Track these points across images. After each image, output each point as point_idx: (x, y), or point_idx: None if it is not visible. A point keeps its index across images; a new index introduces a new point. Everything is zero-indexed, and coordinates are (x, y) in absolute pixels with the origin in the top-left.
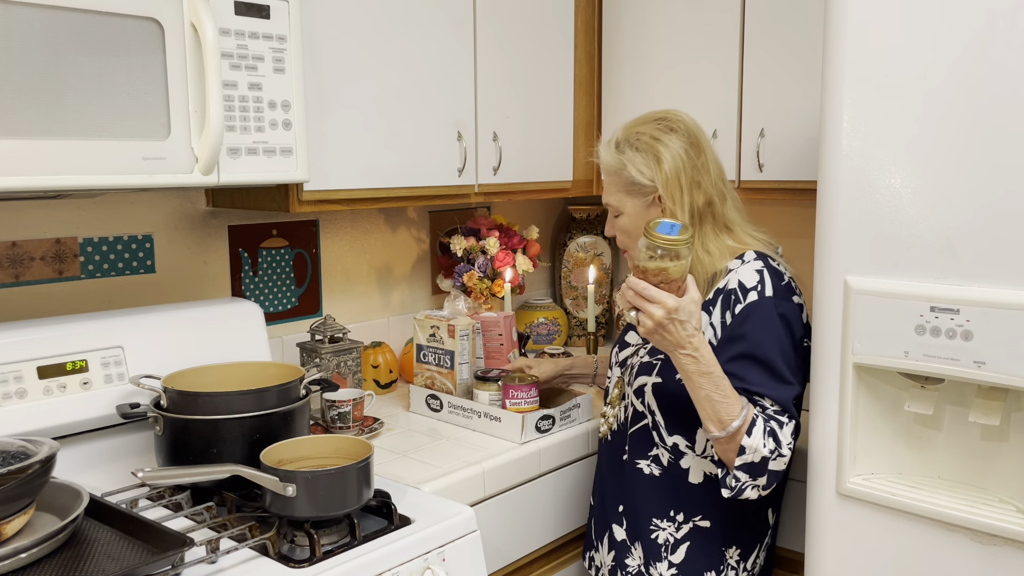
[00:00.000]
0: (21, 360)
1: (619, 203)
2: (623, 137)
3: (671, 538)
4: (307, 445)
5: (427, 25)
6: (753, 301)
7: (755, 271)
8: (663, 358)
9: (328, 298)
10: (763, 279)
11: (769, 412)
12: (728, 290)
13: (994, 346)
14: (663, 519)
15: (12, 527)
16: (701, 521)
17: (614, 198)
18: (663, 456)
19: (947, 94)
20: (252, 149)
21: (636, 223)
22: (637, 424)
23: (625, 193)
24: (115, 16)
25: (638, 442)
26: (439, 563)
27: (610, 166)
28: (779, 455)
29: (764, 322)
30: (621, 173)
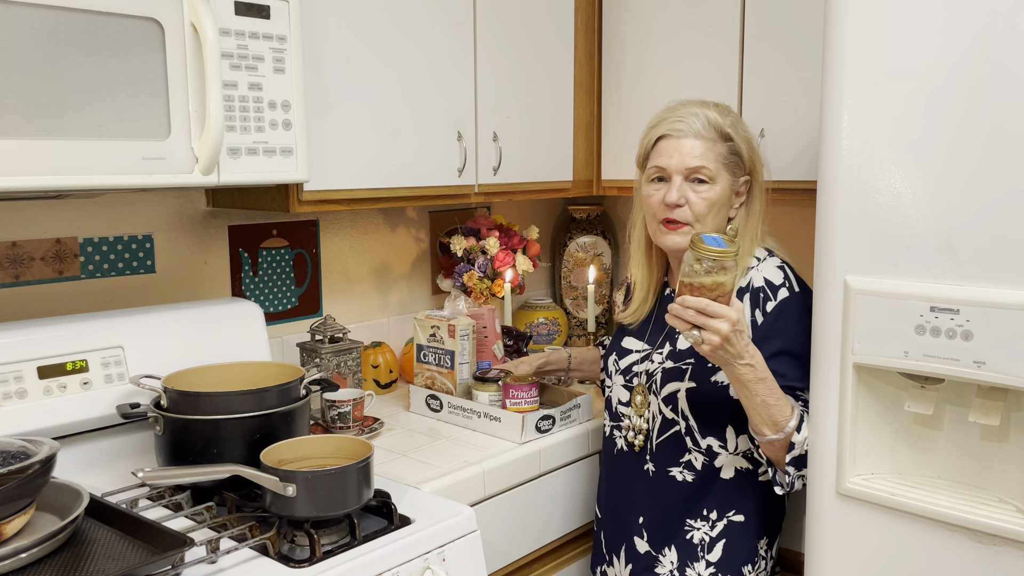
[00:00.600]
0: (21, 360)
1: (716, 171)
2: (720, 112)
3: (707, 537)
4: (307, 445)
5: (427, 25)
6: (785, 298)
7: (776, 267)
8: (692, 362)
9: (328, 298)
10: (787, 275)
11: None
12: (755, 288)
13: (994, 346)
14: (697, 519)
15: (12, 527)
16: (735, 516)
17: (712, 164)
18: (697, 460)
19: (947, 94)
20: (252, 149)
21: (723, 198)
22: (667, 432)
23: (723, 164)
24: (115, 16)
25: (668, 450)
26: (439, 563)
27: (720, 132)
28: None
29: (797, 318)
30: (722, 144)
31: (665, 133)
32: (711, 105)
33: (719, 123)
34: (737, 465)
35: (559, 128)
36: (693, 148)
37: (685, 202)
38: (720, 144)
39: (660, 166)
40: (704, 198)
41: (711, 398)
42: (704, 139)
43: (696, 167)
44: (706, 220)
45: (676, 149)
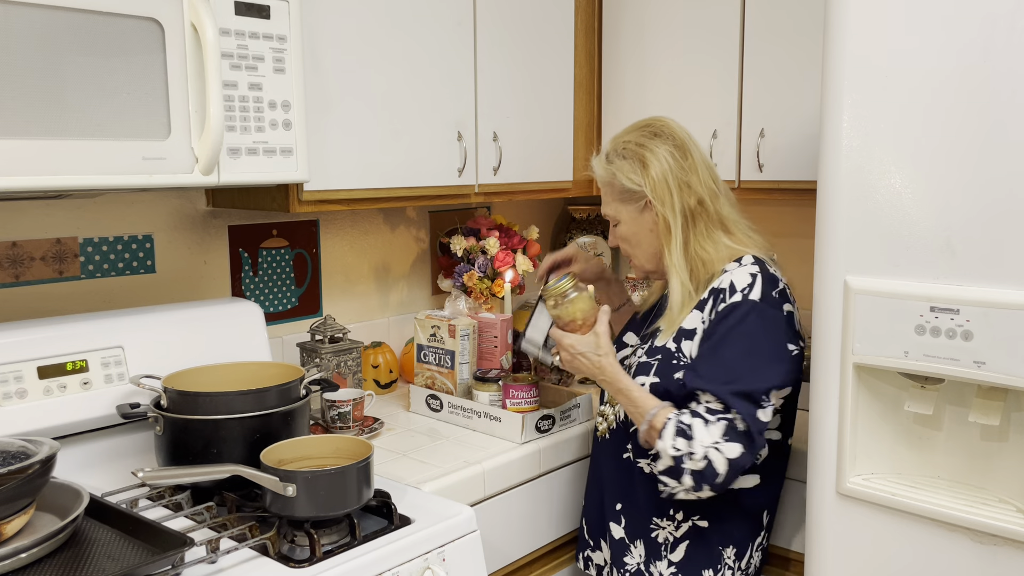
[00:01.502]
0: (21, 360)
1: (615, 212)
2: (611, 148)
3: (671, 537)
4: (307, 445)
5: (427, 25)
6: (736, 302)
7: (749, 274)
8: (660, 358)
9: (328, 298)
10: (754, 283)
11: (699, 409)
12: (719, 289)
13: (994, 346)
14: (663, 518)
15: (12, 527)
16: (699, 521)
17: (611, 208)
18: None
19: (947, 95)
20: (252, 149)
21: (634, 229)
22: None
23: (620, 201)
24: (115, 16)
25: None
26: (439, 563)
27: (603, 178)
28: (690, 455)
29: (738, 322)
30: (613, 183)
31: None
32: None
33: (603, 166)
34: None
35: (559, 128)
36: (603, 195)
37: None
38: (614, 182)
39: None
40: (620, 237)
41: (672, 395)
42: (603, 184)
43: (605, 214)
44: (631, 252)
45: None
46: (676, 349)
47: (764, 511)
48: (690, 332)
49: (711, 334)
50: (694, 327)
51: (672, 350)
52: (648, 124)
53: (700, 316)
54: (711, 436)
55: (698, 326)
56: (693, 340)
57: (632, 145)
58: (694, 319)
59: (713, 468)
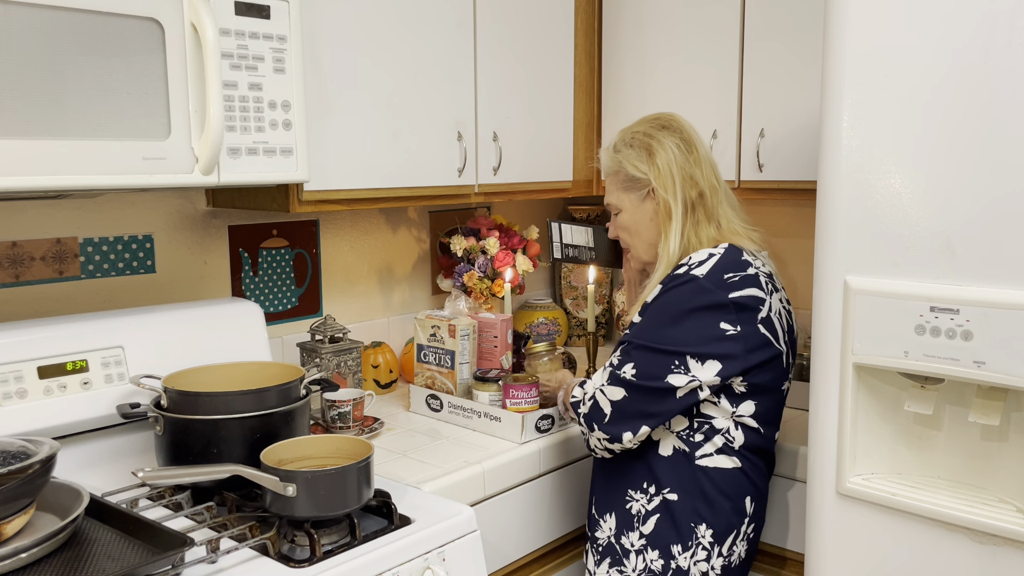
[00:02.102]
0: (21, 360)
1: (618, 201)
2: (619, 139)
3: (643, 509)
4: (307, 445)
5: (427, 25)
6: (679, 274)
7: (708, 253)
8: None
9: (328, 298)
10: (706, 262)
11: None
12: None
13: (994, 346)
14: (637, 491)
15: (12, 527)
16: (670, 494)
17: (613, 196)
18: None
19: (947, 94)
20: (252, 149)
21: (635, 218)
22: None
23: (623, 190)
24: (115, 16)
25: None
26: (439, 563)
27: (608, 167)
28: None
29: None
30: (618, 172)
31: None
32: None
33: (611, 156)
34: (675, 444)
35: (559, 128)
36: (607, 184)
37: (617, 234)
38: (620, 172)
39: None
40: (617, 227)
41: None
42: (609, 173)
43: (608, 203)
44: (632, 243)
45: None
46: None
47: (746, 497)
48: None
49: (651, 304)
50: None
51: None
52: (657, 117)
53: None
54: (598, 380)
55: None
56: None
57: (640, 135)
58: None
59: (599, 408)
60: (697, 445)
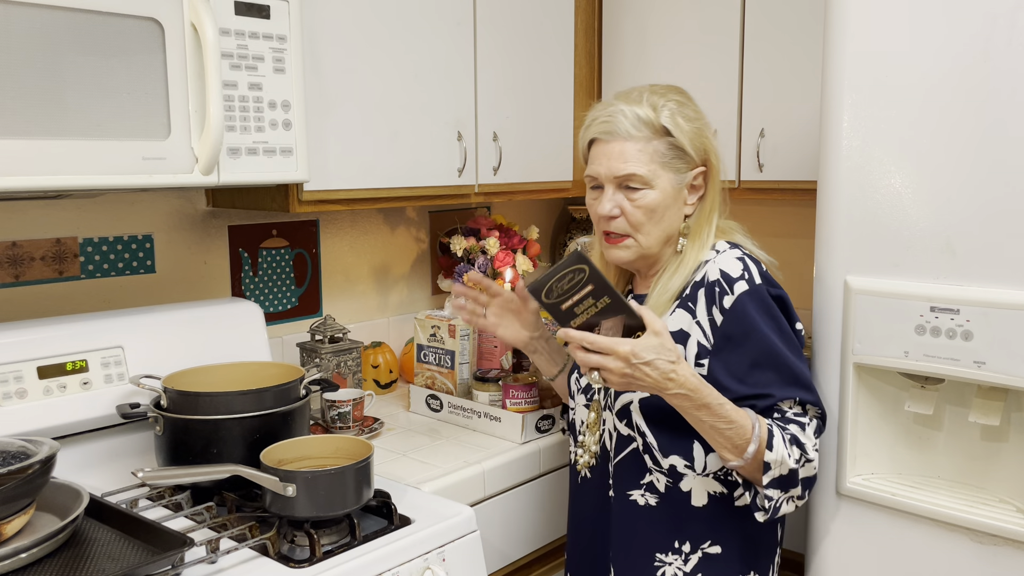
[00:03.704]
0: (21, 360)
1: (651, 175)
2: (662, 102)
3: (679, 572)
4: (307, 445)
5: (427, 25)
6: (744, 292)
7: (735, 259)
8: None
9: (328, 298)
10: (747, 266)
11: (788, 416)
12: (710, 282)
13: (994, 346)
14: (668, 552)
15: (12, 527)
16: (710, 548)
17: (645, 168)
18: (659, 482)
19: (947, 94)
20: (252, 149)
21: (666, 201)
22: (624, 451)
23: (661, 164)
24: (115, 16)
25: (627, 471)
26: (439, 563)
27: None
28: (806, 460)
29: (762, 314)
30: (659, 141)
31: (594, 136)
32: (645, 95)
33: (651, 119)
34: (709, 489)
35: (559, 128)
36: (622, 152)
37: (620, 212)
38: (657, 141)
39: (591, 175)
40: (639, 205)
41: (667, 410)
42: (634, 139)
43: (626, 174)
44: (646, 228)
45: (605, 155)
46: None
47: (778, 523)
48: (679, 336)
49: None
50: (681, 328)
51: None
52: (683, 90)
53: (688, 317)
54: (810, 439)
55: (691, 330)
56: (687, 345)
57: (689, 110)
58: (680, 319)
59: (817, 471)
60: (735, 484)
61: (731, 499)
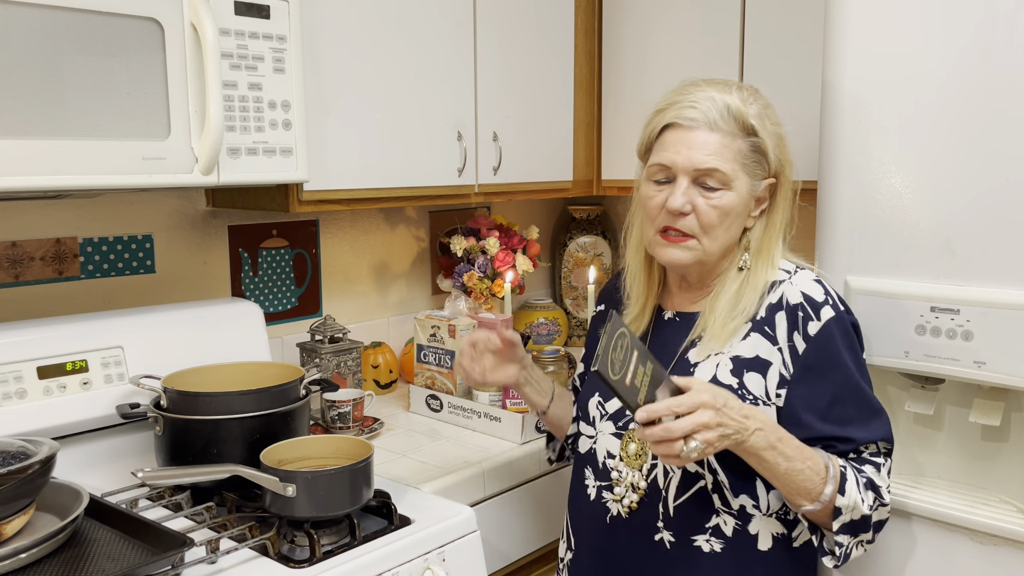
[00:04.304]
0: (21, 360)
1: (733, 174)
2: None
3: None
4: (307, 445)
5: (427, 25)
6: (831, 318)
7: (814, 281)
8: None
9: (328, 298)
10: (828, 290)
11: (865, 455)
12: (792, 305)
13: (994, 346)
14: None
15: (12, 527)
16: None
17: (728, 166)
18: (727, 524)
19: (948, 94)
20: (252, 149)
21: (740, 206)
22: (689, 491)
23: (744, 166)
24: (115, 16)
25: (690, 514)
26: (439, 563)
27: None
28: (880, 504)
29: (845, 344)
30: (743, 140)
31: (673, 121)
32: (734, 88)
33: (741, 113)
34: (773, 531)
35: (559, 128)
36: (706, 143)
37: (692, 209)
38: (741, 139)
39: (663, 163)
40: (715, 206)
41: None
42: (721, 132)
43: (708, 168)
44: (715, 232)
45: (685, 143)
46: (739, 385)
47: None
48: (757, 363)
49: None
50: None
51: (733, 387)
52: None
53: (767, 343)
54: (885, 481)
55: (771, 357)
56: (767, 375)
57: (774, 114)
58: (757, 345)
59: (890, 514)
60: (794, 523)
61: (791, 540)
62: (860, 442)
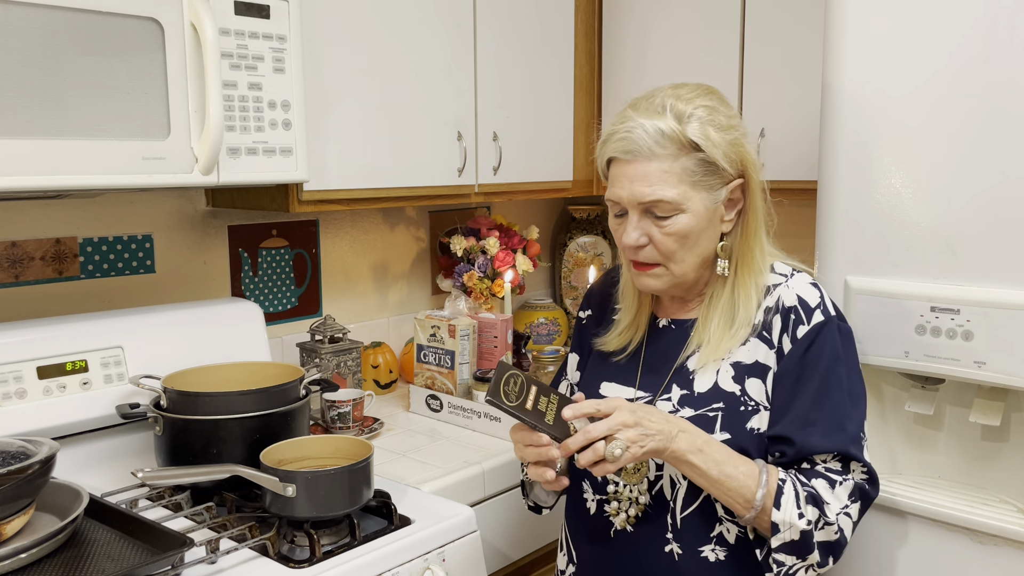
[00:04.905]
0: (21, 360)
1: (681, 198)
2: (688, 110)
3: None
4: (307, 445)
5: (427, 25)
6: (819, 323)
7: (810, 284)
8: (722, 407)
9: (328, 298)
10: (822, 294)
11: (818, 469)
12: (786, 307)
13: (994, 346)
14: None
15: (12, 527)
16: None
17: (672, 191)
18: (729, 532)
19: (947, 94)
20: (252, 149)
21: (700, 224)
22: (695, 502)
23: (692, 184)
24: (115, 16)
25: (696, 525)
26: (439, 563)
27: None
28: (825, 523)
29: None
30: (688, 158)
31: (612, 155)
32: (670, 102)
33: (677, 133)
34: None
35: (559, 128)
36: (646, 175)
37: (648, 240)
38: (685, 157)
39: (612, 199)
40: (669, 233)
41: (746, 451)
42: (659, 158)
43: (651, 200)
44: (679, 256)
45: (627, 176)
46: (741, 392)
47: None
48: (757, 368)
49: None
50: (756, 360)
51: (735, 393)
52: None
53: (765, 348)
54: (838, 499)
55: (768, 360)
56: (765, 379)
57: (721, 116)
58: (756, 350)
59: (844, 536)
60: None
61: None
62: (813, 449)
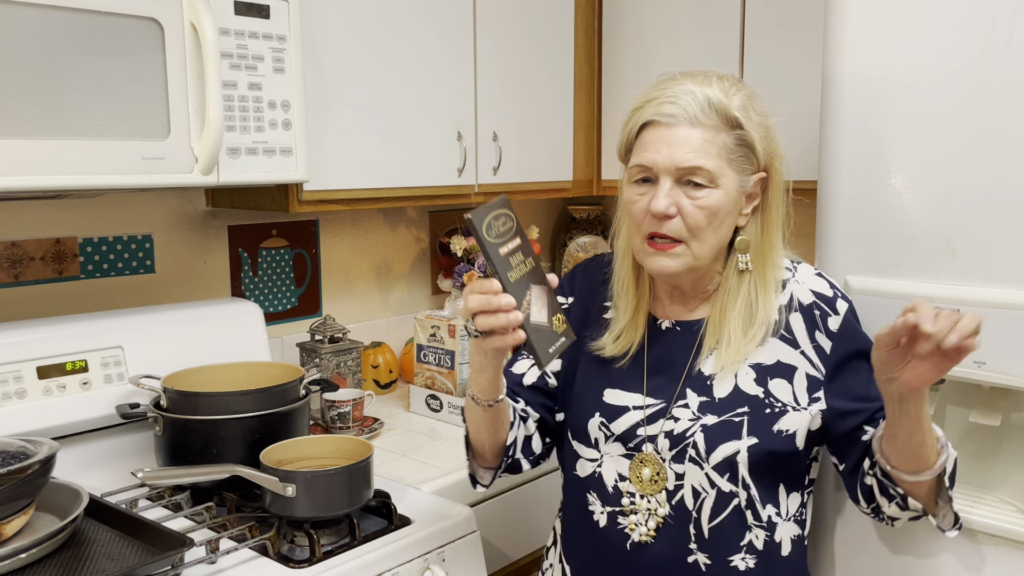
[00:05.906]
0: (21, 360)
1: (718, 170)
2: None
3: None
4: (307, 445)
5: (427, 25)
6: (847, 310)
7: (815, 275)
8: (747, 411)
9: (328, 298)
10: (832, 283)
11: None
12: (806, 305)
13: (994, 346)
14: None
15: (12, 527)
16: None
17: (712, 163)
18: (758, 539)
19: (947, 94)
20: (252, 149)
21: (728, 205)
22: (724, 511)
23: (729, 162)
24: (115, 16)
25: (726, 534)
26: (439, 563)
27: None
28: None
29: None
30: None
31: (651, 119)
32: (715, 79)
33: (724, 105)
34: (792, 534)
35: (559, 128)
36: (688, 140)
37: (677, 211)
38: (725, 133)
39: (644, 164)
40: (702, 206)
41: (775, 455)
42: (703, 127)
43: (691, 167)
44: (704, 234)
45: (665, 141)
46: (765, 394)
47: None
48: (782, 368)
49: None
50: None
51: (759, 396)
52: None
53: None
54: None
55: (797, 362)
56: (793, 380)
57: (759, 103)
58: (776, 349)
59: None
60: (804, 522)
61: (803, 540)
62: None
